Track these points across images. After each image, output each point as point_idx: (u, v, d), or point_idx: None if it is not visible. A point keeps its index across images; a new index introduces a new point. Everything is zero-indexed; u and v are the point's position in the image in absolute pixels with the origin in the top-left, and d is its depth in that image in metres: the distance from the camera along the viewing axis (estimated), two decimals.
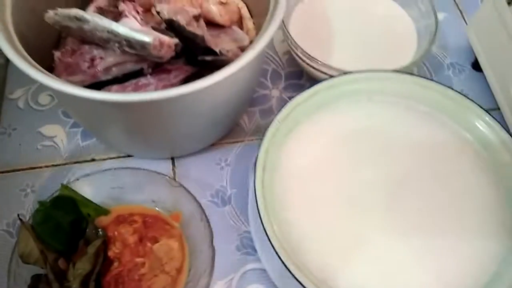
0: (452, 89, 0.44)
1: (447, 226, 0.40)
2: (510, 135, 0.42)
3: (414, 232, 0.40)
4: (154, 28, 0.46)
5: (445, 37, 0.59)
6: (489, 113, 0.43)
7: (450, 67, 0.57)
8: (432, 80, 0.45)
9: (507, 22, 0.47)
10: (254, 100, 0.55)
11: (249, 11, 0.52)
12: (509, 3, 0.47)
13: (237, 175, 0.50)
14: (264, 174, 0.41)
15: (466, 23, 0.61)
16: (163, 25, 0.48)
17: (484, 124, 0.43)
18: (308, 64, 0.51)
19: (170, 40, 0.42)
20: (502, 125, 0.42)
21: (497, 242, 0.39)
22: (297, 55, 0.52)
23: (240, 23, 0.52)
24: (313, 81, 0.53)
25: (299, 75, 0.57)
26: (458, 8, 0.63)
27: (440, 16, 0.61)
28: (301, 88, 0.56)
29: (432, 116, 0.45)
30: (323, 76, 0.50)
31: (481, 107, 0.43)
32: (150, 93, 0.37)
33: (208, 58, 0.44)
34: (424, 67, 0.57)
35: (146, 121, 0.43)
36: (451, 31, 0.60)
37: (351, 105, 0.46)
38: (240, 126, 0.53)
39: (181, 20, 0.45)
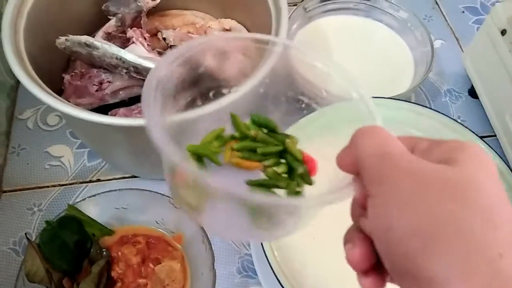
0: (447, 116, 0.46)
1: None
2: (505, 162, 0.43)
3: None
4: (159, 53, 0.48)
5: (442, 64, 0.61)
6: (483, 140, 0.44)
7: (447, 93, 0.58)
8: (427, 107, 0.46)
9: (501, 52, 0.49)
10: None
11: None
12: (502, 33, 0.49)
13: None
14: None
15: (462, 51, 0.62)
16: (168, 50, 0.50)
17: None
18: (308, 89, 0.53)
19: None
20: (497, 152, 0.44)
21: None
22: (297, 80, 0.54)
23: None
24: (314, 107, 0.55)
25: (300, 99, 0.58)
26: (455, 36, 0.65)
27: (437, 43, 0.63)
28: (301, 112, 0.57)
29: None
30: (323, 102, 0.52)
31: (475, 133, 0.45)
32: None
33: (212, 85, 0.45)
34: (422, 94, 0.58)
35: (151, 144, 0.44)
36: (448, 58, 0.61)
37: (349, 131, 0.47)
38: None
39: None
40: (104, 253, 0.45)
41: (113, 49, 0.42)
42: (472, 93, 0.56)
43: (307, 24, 0.59)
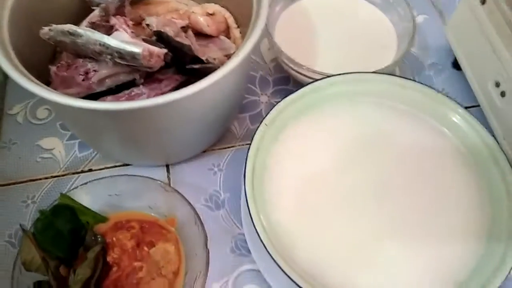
0: (429, 86, 0.46)
1: (431, 225, 0.42)
2: (489, 131, 0.44)
3: (400, 230, 0.41)
4: (144, 40, 0.48)
5: (426, 38, 0.61)
6: (465, 108, 0.45)
7: (432, 67, 0.59)
8: (409, 79, 0.47)
9: (481, 21, 0.49)
10: (244, 106, 0.57)
11: (235, 20, 0.54)
12: (482, 3, 0.49)
13: (230, 180, 0.52)
14: (254, 177, 0.43)
15: (446, 24, 0.63)
16: (153, 38, 0.50)
17: (461, 119, 0.45)
18: (293, 69, 0.53)
19: (159, 50, 0.44)
20: (480, 121, 0.44)
21: (477, 239, 0.40)
22: (283, 61, 0.54)
23: (227, 32, 0.54)
24: (300, 86, 0.55)
25: (287, 80, 0.59)
26: (438, 10, 0.65)
27: (420, 18, 0.63)
28: (288, 93, 0.57)
29: (413, 114, 0.47)
30: (308, 80, 0.52)
31: (457, 102, 0.45)
32: (140, 101, 0.39)
33: (196, 66, 0.46)
34: (406, 68, 0.59)
35: (139, 129, 0.45)
36: (431, 32, 0.62)
37: (335, 107, 0.48)
38: (231, 132, 0.55)
39: (169, 31, 0.47)
40: (99, 239, 0.46)
41: (96, 36, 0.43)
42: (456, 65, 0.57)
43: (290, 5, 0.60)
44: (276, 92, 0.58)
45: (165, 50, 0.44)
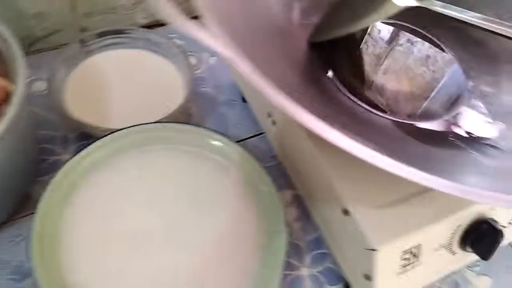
0: (203, 127, 0.51)
1: (213, 253, 0.46)
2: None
3: (186, 258, 0.45)
4: None
5: (220, 78, 0.67)
6: (223, 135, 0.52)
7: (225, 103, 0.64)
8: (184, 123, 0.51)
9: None
10: (43, 169, 0.56)
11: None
12: None
13: None
14: (44, 245, 0.43)
15: None
16: None
17: (220, 143, 0.52)
18: (85, 129, 0.54)
19: None
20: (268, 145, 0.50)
21: (254, 261, 0.45)
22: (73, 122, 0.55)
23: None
24: None
25: (88, 136, 0.59)
26: None
27: (213, 60, 0.69)
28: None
29: (191, 152, 0.52)
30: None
31: (215, 131, 0.52)
32: None
33: None
34: (203, 107, 0.63)
35: None
36: (225, 71, 0.68)
37: (124, 159, 0.50)
38: (31, 198, 0.54)
39: None
40: None
41: None
42: (245, 99, 0.63)
43: (83, 61, 0.61)
44: (80, 148, 0.58)
45: None
